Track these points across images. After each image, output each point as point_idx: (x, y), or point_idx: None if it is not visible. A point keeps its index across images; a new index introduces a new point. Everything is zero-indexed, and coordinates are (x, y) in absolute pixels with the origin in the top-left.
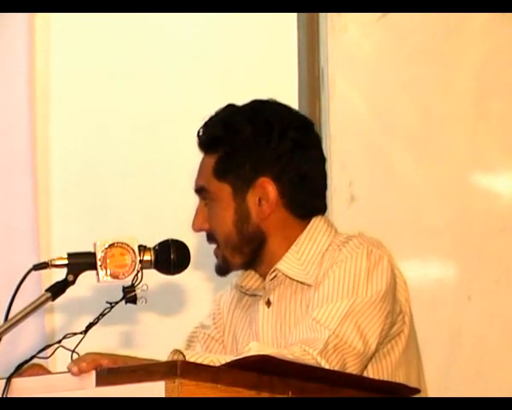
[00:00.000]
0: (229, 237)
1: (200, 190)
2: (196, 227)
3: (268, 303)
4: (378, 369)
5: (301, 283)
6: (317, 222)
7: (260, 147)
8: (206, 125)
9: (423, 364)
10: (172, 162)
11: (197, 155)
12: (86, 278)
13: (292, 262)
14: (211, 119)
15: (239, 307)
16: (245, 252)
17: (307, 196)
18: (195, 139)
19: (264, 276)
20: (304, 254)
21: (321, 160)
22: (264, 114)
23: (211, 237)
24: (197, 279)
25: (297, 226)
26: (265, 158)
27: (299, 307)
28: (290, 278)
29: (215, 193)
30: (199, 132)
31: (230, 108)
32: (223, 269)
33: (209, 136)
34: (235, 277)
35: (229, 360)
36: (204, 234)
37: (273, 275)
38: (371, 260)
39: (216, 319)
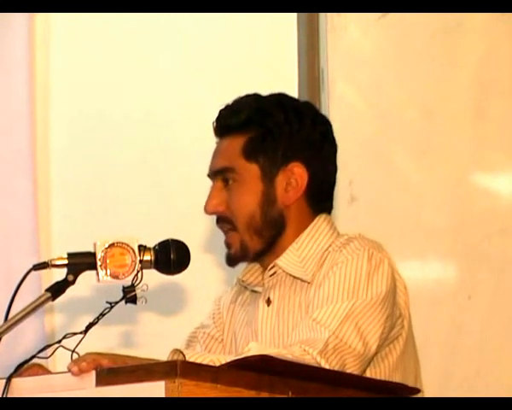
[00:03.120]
0: (252, 218)
1: (221, 172)
2: (210, 209)
3: (268, 301)
4: (376, 372)
5: (299, 279)
6: (320, 222)
7: (293, 132)
8: (231, 109)
9: (423, 364)
10: (172, 162)
11: (197, 154)
12: (86, 277)
13: (291, 259)
14: (235, 103)
15: (239, 304)
16: (265, 236)
17: (324, 191)
18: (196, 138)
19: (266, 269)
20: (304, 252)
21: (336, 160)
22: (291, 103)
23: (224, 220)
24: (197, 279)
25: (308, 220)
26: (298, 144)
27: (299, 307)
28: (288, 273)
29: (242, 174)
30: (222, 115)
31: (254, 95)
32: (238, 257)
33: (239, 117)
34: (236, 278)
35: (229, 360)
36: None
37: (272, 271)
38: (372, 263)
39: (216, 319)
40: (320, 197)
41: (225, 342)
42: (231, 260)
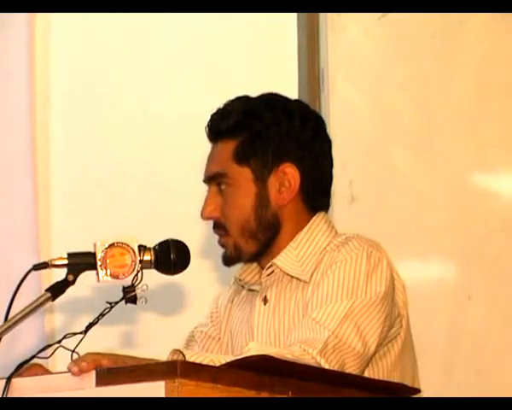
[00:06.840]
0: (246, 222)
1: (214, 177)
2: (206, 215)
3: (265, 300)
4: (374, 371)
5: (297, 279)
6: (318, 220)
7: (283, 133)
8: (221, 113)
9: (423, 364)
10: (172, 163)
11: (198, 155)
12: (86, 277)
13: (289, 258)
14: (225, 107)
15: (236, 303)
16: (260, 239)
17: (320, 188)
18: (196, 139)
19: (263, 268)
20: (302, 251)
21: (331, 156)
22: (281, 102)
23: (219, 226)
24: (197, 279)
25: (305, 219)
26: (288, 144)
27: (295, 306)
28: (286, 273)
29: (234, 178)
30: (212, 120)
31: (244, 97)
32: (233, 258)
33: (228, 121)
34: (233, 277)
35: (229, 360)
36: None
37: (270, 270)
38: (371, 262)
39: (213, 317)
40: (315, 195)
41: (222, 341)
42: (227, 261)
